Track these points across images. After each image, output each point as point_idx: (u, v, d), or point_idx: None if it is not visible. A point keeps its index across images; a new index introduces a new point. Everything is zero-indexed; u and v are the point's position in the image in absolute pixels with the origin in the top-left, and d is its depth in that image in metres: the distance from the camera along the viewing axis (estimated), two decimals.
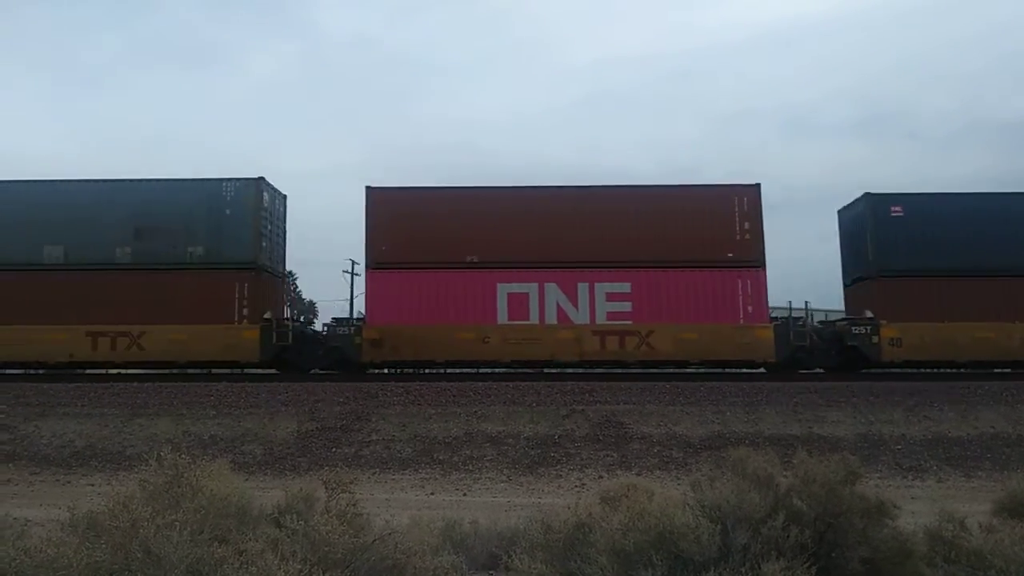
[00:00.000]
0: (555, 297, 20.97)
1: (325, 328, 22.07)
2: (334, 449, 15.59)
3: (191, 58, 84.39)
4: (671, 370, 21.02)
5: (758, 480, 6.32)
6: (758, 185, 21.48)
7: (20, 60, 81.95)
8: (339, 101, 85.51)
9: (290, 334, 21.06)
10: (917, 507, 8.09)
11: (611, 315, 20.90)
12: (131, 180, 21.67)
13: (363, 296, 22.16)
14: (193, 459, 6.12)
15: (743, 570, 5.23)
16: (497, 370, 21.12)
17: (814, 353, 21.23)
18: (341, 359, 21.23)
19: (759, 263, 21.04)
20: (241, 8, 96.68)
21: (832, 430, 16.10)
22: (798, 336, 20.83)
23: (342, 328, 21.39)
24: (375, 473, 14.55)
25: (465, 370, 21.41)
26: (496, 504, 12.08)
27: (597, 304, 20.94)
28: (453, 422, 16.50)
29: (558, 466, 14.78)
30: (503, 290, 21.01)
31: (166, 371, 21.38)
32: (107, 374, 21.45)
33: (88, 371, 21.28)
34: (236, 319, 20.66)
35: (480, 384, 18.76)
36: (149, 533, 4.78)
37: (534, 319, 20.90)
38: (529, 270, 21.00)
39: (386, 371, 22.20)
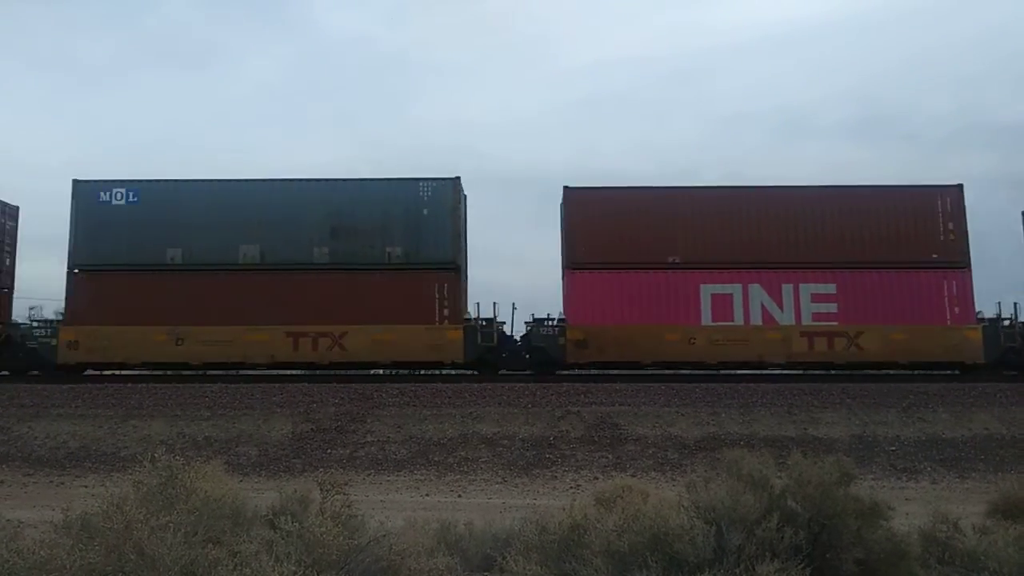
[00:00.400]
0: (759, 298, 20.88)
1: (526, 328, 21.74)
2: (329, 450, 15.56)
3: (189, 58, 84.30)
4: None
5: (753, 481, 6.33)
6: (960, 186, 21.41)
7: (19, 59, 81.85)
8: (337, 101, 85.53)
9: (495, 334, 20.88)
10: (911, 508, 8.12)
11: (816, 316, 20.82)
12: (327, 180, 21.53)
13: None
14: (187, 460, 6.10)
15: (737, 571, 5.23)
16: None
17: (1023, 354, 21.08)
18: (543, 360, 20.98)
19: (964, 264, 20.99)
20: (239, 8, 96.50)
21: (827, 431, 16.13)
22: (1008, 337, 20.71)
23: (546, 329, 21.10)
24: (370, 474, 14.54)
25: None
26: (491, 505, 12.08)
27: (802, 305, 20.86)
28: (448, 423, 16.50)
29: (553, 467, 14.78)
30: (706, 291, 20.88)
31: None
32: (100, 375, 21.36)
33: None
34: (437, 319, 20.50)
35: (475, 386, 18.75)
36: (143, 535, 4.77)
37: (738, 320, 20.79)
38: (732, 271, 20.92)
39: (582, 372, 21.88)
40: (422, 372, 21.73)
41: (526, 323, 21.81)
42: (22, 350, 21.09)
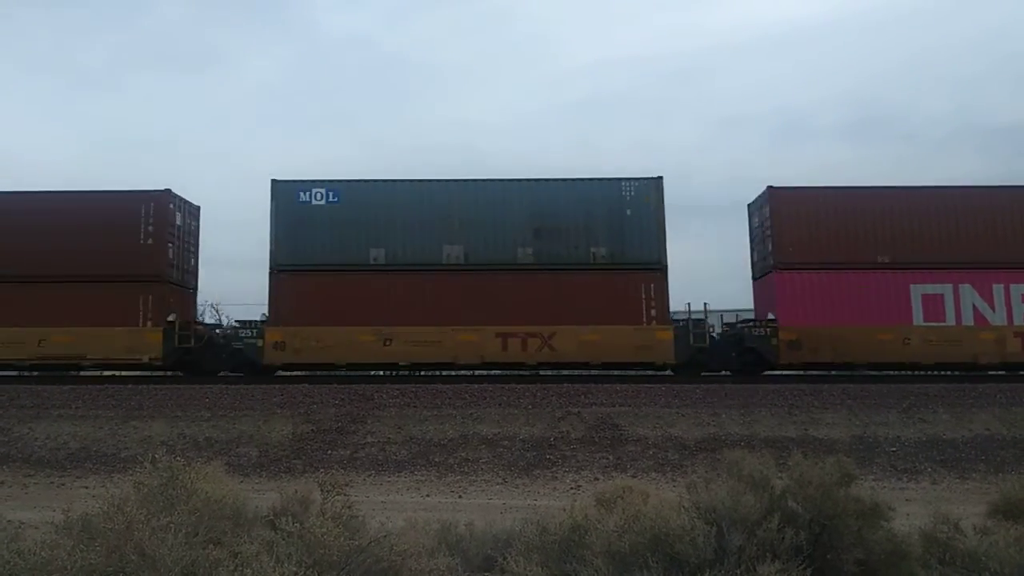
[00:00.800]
0: (970, 298, 20.80)
1: (727, 327, 21.66)
2: (329, 451, 15.56)
3: (189, 60, 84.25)
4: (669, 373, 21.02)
5: (753, 482, 6.33)
6: None
7: (15, 62, 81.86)
8: (336, 101, 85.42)
9: (707, 335, 20.77)
10: (912, 509, 8.12)
11: None
12: (529, 180, 21.45)
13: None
14: (188, 461, 6.11)
15: (738, 572, 5.24)
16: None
17: None
18: (754, 361, 20.86)
19: None
20: (238, 9, 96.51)
21: (827, 432, 16.12)
22: None
23: (758, 329, 21.03)
24: (370, 475, 14.54)
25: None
26: (492, 506, 12.08)
27: (1014, 305, 20.81)
28: (448, 424, 16.49)
29: (553, 468, 14.78)
30: (916, 291, 20.80)
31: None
32: (101, 375, 21.35)
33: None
34: (644, 320, 20.42)
35: (475, 386, 18.74)
36: (144, 535, 4.77)
37: (950, 320, 20.73)
38: (942, 271, 20.81)
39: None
40: (625, 372, 21.43)
41: (725, 324, 22.08)
42: (225, 351, 21.14)
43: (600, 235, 20.89)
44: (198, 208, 23.11)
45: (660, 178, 21.23)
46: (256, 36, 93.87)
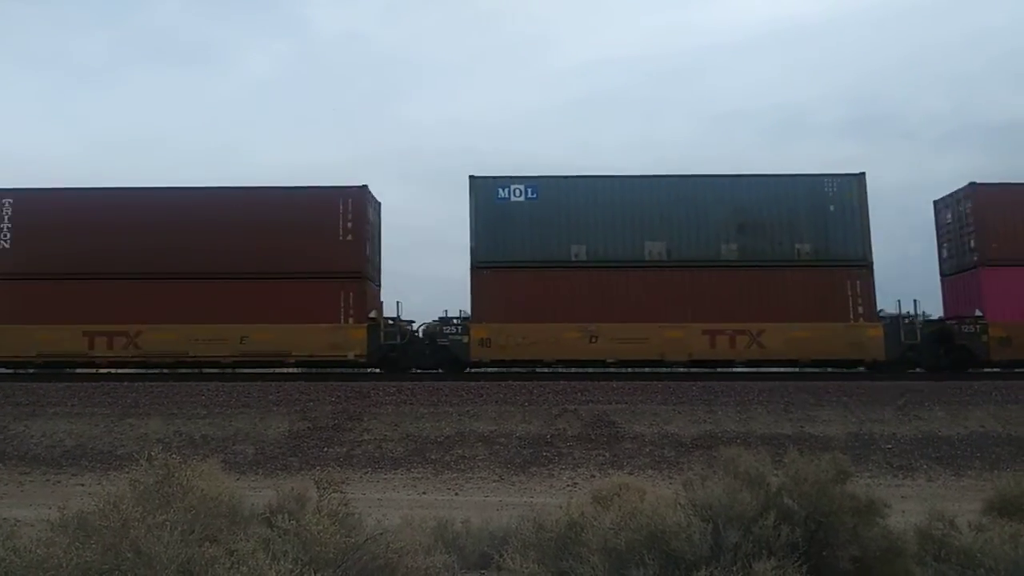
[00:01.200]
0: None
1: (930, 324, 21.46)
2: (326, 449, 15.56)
3: (184, 56, 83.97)
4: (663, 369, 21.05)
5: (749, 479, 6.33)
6: None
7: (10, 58, 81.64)
8: (331, 99, 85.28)
9: (918, 332, 20.57)
10: (907, 506, 8.13)
11: None
12: (730, 176, 21.40)
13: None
14: (184, 459, 6.10)
15: (734, 569, 5.25)
16: (490, 370, 21.07)
17: None
18: (966, 358, 20.67)
19: None
20: (234, 5, 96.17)
21: (823, 429, 16.16)
22: None
23: (967, 326, 20.80)
24: (367, 472, 14.54)
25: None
26: (488, 503, 12.08)
27: None
28: (445, 421, 16.49)
29: (550, 465, 14.79)
30: None
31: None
32: (97, 373, 21.29)
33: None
34: (851, 317, 20.29)
35: (472, 384, 18.73)
36: (139, 533, 4.77)
37: None
38: None
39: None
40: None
41: (941, 319, 21.86)
42: (430, 348, 21.10)
43: (804, 231, 20.80)
44: (379, 204, 22.97)
45: (863, 174, 21.14)
46: (249, 35, 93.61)
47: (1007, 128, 69.14)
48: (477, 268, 20.73)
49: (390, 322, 21.08)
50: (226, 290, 20.47)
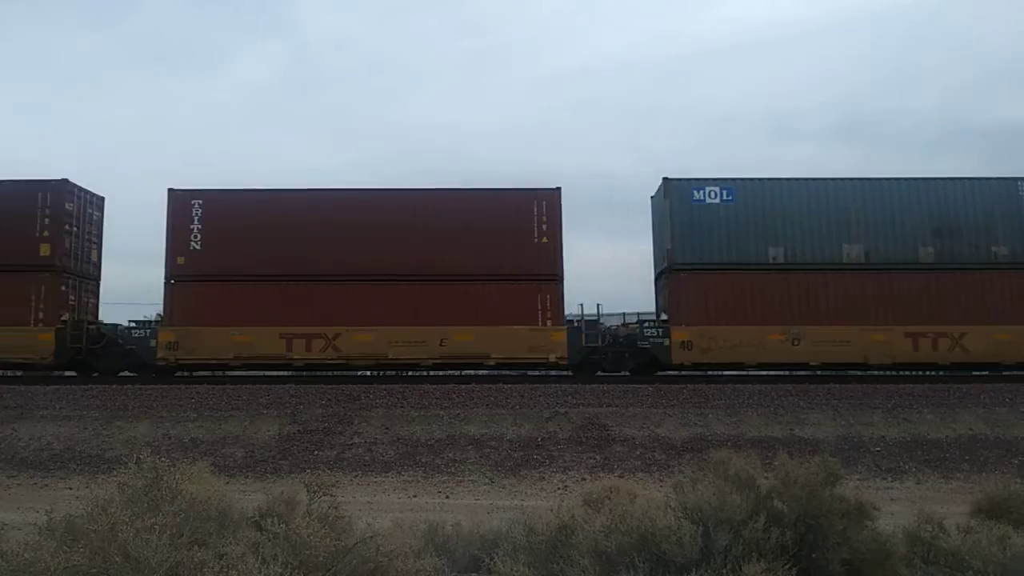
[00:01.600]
0: None
1: None
2: (316, 452, 15.51)
3: (176, 59, 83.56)
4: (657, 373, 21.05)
5: (739, 482, 6.36)
6: None
7: (2, 61, 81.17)
8: (325, 103, 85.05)
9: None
10: (896, 508, 8.18)
11: None
12: (927, 179, 21.31)
13: None
14: (173, 462, 6.07)
15: (724, 571, 5.26)
16: (480, 372, 21.06)
17: None
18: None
19: None
20: (225, 7, 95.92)
21: (813, 432, 16.22)
22: None
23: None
24: (357, 476, 14.50)
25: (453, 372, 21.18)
26: (479, 506, 12.06)
27: None
28: (436, 424, 16.47)
29: (541, 468, 14.79)
30: None
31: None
32: (91, 376, 21.08)
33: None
34: None
35: (463, 387, 18.72)
36: (128, 537, 4.74)
37: None
38: None
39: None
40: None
41: None
42: (629, 350, 20.97)
43: (1000, 234, 20.80)
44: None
45: None
46: (243, 38, 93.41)
47: (997, 133, 69.62)
48: (674, 270, 20.71)
49: (575, 324, 20.92)
50: (425, 292, 20.42)
